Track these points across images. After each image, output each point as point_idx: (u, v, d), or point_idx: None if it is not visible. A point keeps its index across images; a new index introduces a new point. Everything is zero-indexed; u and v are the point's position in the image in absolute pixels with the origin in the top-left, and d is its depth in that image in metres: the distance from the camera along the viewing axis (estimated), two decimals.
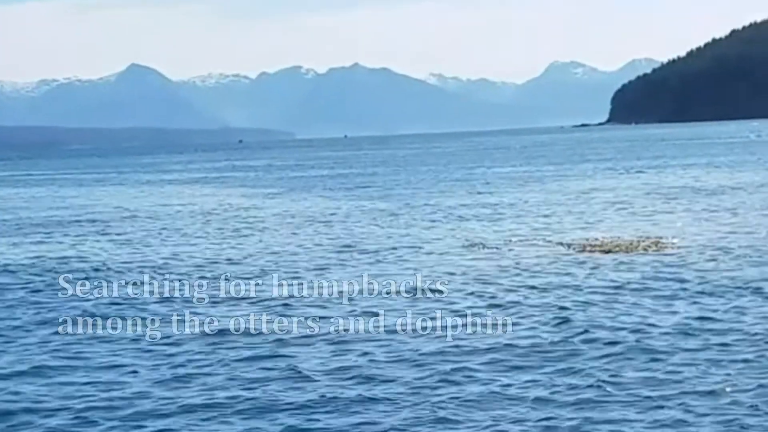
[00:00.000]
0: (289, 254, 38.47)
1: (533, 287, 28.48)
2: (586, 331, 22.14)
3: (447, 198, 67.49)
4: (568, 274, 30.81)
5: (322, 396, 17.78)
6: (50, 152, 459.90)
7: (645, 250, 35.66)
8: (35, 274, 34.78)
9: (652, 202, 57.24)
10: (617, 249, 35.94)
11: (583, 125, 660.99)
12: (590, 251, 35.72)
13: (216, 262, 36.68)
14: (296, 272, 33.35)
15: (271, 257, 37.78)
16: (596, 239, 39.00)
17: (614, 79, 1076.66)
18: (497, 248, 37.85)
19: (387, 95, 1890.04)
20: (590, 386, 17.79)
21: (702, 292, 26.81)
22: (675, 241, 37.67)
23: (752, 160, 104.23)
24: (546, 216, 51.23)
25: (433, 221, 50.79)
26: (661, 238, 38.69)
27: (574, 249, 36.55)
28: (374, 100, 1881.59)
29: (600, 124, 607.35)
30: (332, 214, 57.19)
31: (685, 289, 27.34)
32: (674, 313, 24.21)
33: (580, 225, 46.05)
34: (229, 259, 37.50)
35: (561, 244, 38.27)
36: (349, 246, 40.42)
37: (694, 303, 25.39)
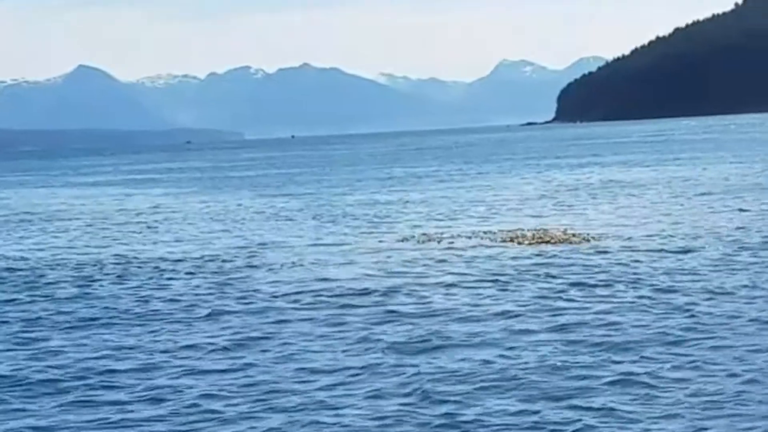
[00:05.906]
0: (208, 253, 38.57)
1: (463, 279, 29.39)
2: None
3: (371, 194, 68.45)
4: (497, 263, 32.06)
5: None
6: None
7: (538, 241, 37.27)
8: None
9: (552, 198, 58.97)
10: (535, 241, 37.29)
11: (529, 123, 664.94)
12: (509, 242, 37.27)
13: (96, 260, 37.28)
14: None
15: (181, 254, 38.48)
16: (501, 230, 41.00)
17: (563, 78, 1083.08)
18: (420, 242, 38.86)
19: (337, 95, 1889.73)
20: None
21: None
22: (587, 232, 39.39)
23: (670, 158, 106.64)
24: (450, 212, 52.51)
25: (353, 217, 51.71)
26: (568, 228, 40.93)
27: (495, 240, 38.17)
28: (324, 99, 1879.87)
29: (546, 122, 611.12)
30: (258, 213, 57.94)
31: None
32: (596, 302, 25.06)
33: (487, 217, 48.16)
34: (129, 256, 38.11)
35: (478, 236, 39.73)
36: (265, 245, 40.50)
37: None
